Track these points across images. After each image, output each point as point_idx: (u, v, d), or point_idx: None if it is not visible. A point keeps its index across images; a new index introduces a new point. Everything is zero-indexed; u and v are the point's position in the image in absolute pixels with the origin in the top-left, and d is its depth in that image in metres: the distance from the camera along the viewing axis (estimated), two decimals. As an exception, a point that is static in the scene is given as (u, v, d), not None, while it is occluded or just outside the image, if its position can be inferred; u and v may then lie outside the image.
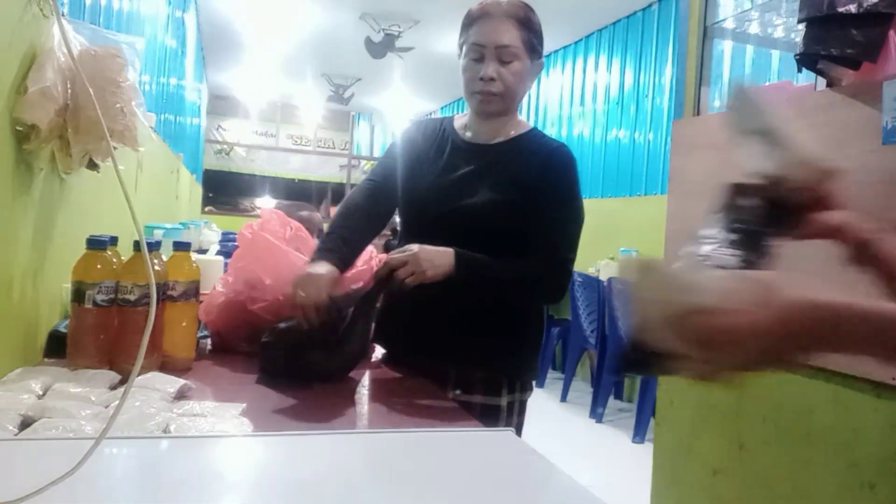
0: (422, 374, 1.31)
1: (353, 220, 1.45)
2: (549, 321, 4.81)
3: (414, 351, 1.39)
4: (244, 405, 1.02)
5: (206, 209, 8.26)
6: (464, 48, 1.42)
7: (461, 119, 1.52)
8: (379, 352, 1.49)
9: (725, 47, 2.76)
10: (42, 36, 1.13)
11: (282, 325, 1.30)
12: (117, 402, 0.57)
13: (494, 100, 1.40)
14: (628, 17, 5.36)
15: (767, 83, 2.69)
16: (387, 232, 3.44)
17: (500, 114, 1.44)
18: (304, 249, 1.48)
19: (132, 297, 1.14)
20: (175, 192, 4.39)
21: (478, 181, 1.39)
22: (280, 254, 1.41)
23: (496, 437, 0.78)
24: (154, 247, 1.24)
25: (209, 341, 1.47)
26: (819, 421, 1.83)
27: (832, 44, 1.75)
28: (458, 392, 1.33)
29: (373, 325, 1.34)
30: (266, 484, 0.62)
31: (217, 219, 6.56)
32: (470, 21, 1.41)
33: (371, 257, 1.50)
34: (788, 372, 1.93)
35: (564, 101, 6.21)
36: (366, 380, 1.30)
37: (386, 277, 1.23)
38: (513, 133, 1.45)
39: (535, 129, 1.50)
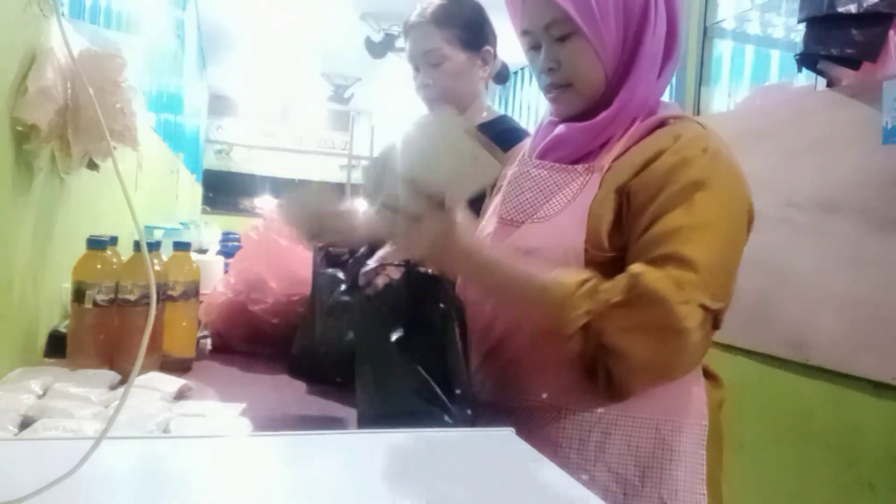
0: None
1: None
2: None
3: None
4: (244, 405, 1.02)
5: (202, 209, 8.24)
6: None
7: None
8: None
9: (725, 47, 2.77)
10: (42, 36, 1.13)
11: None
12: (117, 402, 0.57)
13: (437, 104, 1.46)
14: (628, 17, 5.35)
15: (767, 83, 2.68)
16: None
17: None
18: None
19: (132, 297, 1.14)
20: (175, 192, 4.38)
21: None
22: (285, 254, 1.41)
23: (496, 437, 0.78)
24: (154, 247, 1.24)
25: (209, 341, 1.47)
26: (819, 421, 1.83)
27: (832, 44, 1.75)
28: None
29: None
30: (266, 484, 0.62)
31: (217, 219, 6.56)
32: (404, 36, 1.49)
33: None
34: (787, 372, 1.93)
35: (564, 101, 6.18)
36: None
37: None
38: (477, 122, 1.48)
39: (503, 116, 1.53)
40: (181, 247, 1.28)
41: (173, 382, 1.06)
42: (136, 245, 1.16)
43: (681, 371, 0.85)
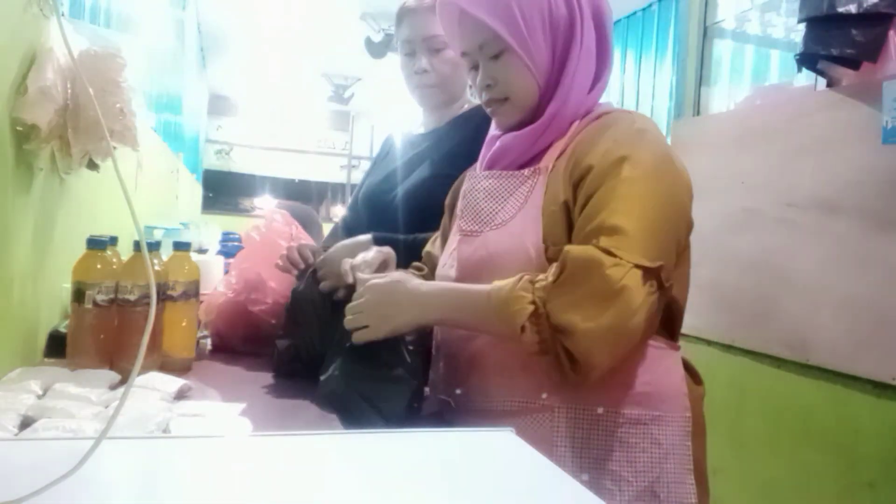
0: None
1: (337, 237, 1.51)
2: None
3: None
4: (244, 405, 1.02)
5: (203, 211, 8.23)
6: (399, 47, 1.46)
7: (420, 117, 1.56)
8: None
9: (725, 47, 2.77)
10: (42, 36, 1.13)
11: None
12: (117, 402, 0.57)
13: (432, 91, 1.44)
14: (628, 16, 5.36)
15: (767, 83, 2.69)
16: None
17: (444, 103, 1.47)
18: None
19: (132, 297, 1.14)
20: (175, 192, 4.38)
21: (417, 164, 1.44)
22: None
23: (496, 437, 0.78)
24: (154, 247, 1.24)
25: (209, 341, 1.47)
26: (819, 421, 1.83)
27: (832, 44, 1.75)
28: None
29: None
30: (266, 484, 0.62)
31: (217, 219, 6.56)
32: (399, 19, 1.45)
33: None
34: (787, 372, 1.93)
35: (564, 101, 6.18)
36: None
37: None
38: (458, 113, 1.48)
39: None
40: (181, 247, 1.28)
41: (173, 382, 1.06)
42: (136, 245, 1.16)
43: (634, 333, 0.84)
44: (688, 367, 0.98)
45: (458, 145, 1.37)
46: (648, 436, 0.90)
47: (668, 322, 0.96)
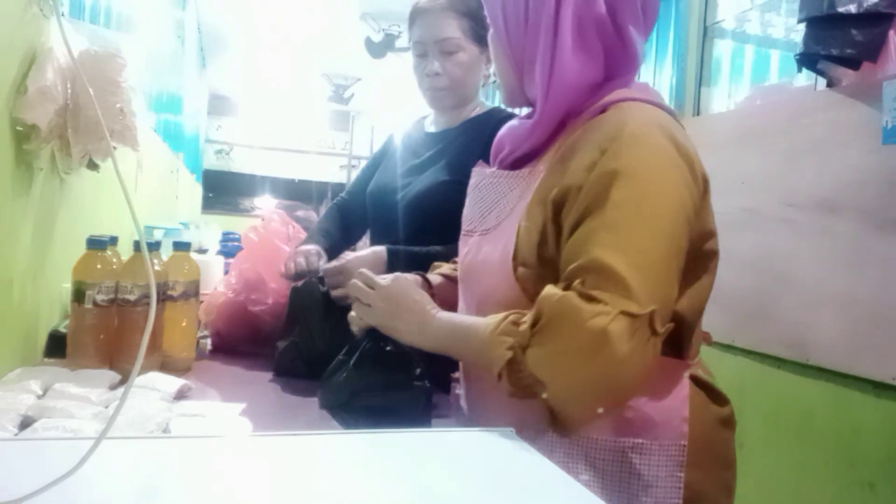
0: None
1: (333, 221, 1.54)
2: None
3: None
4: (244, 405, 1.02)
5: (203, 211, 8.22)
6: (411, 47, 1.46)
7: (430, 115, 1.56)
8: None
9: (725, 47, 2.77)
10: (42, 36, 1.13)
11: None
12: (117, 402, 0.57)
13: (443, 94, 1.43)
14: (628, 16, 5.35)
15: (767, 83, 2.68)
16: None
17: (455, 106, 1.47)
18: (303, 249, 1.49)
19: (132, 297, 1.14)
20: (175, 192, 4.38)
21: (428, 166, 1.43)
22: (284, 256, 1.42)
23: (496, 437, 0.78)
24: (154, 247, 1.24)
25: (209, 341, 1.48)
26: (819, 421, 1.83)
27: (832, 44, 1.75)
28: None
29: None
30: (266, 484, 0.62)
31: (217, 219, 6.55)
32: (412, 19, 1.44)
33: None
34: (787, 372, 1.93)
35: (564, 101, 6.17)
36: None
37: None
38: (471, 115, 1.47)
39: (495, 108, 1.51)
40: (181, 247, 1.28)
41: (173, 382, 1.06)
42: (136, 245, 1.16)
43: (621, 386, 0.76)
44: (704, 386, 0.88)
45: (473, 151, 1.36)
46: (627, 464, 0.80)
47: (672, 338, 0.83)
